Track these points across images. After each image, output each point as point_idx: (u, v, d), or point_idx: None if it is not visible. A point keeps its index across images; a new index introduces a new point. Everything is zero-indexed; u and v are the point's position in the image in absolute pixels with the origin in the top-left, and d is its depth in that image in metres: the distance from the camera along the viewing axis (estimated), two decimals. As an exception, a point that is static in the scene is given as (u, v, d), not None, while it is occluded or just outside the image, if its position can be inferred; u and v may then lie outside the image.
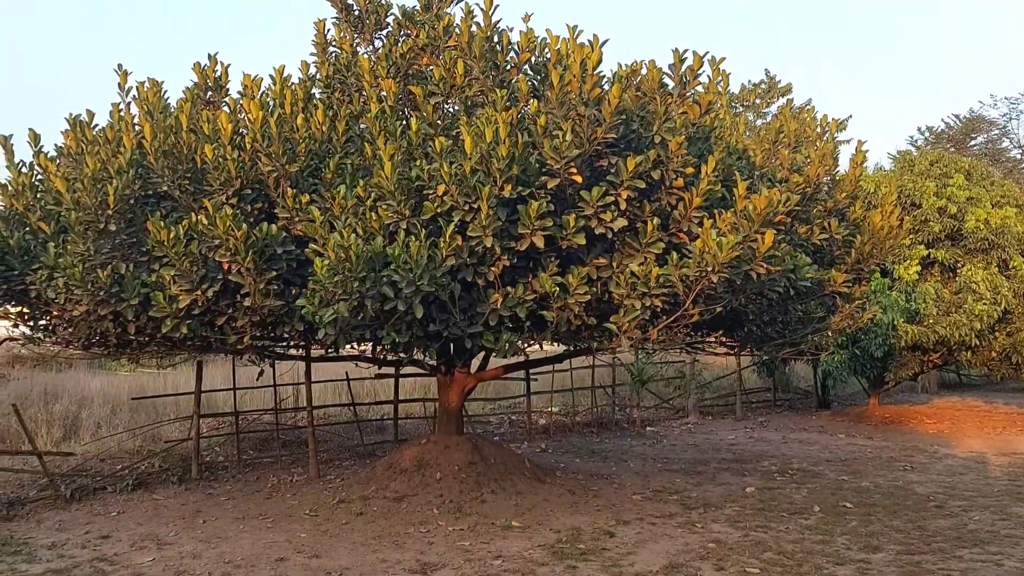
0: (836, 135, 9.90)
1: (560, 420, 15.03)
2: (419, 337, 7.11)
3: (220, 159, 6.86)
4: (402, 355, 8.32)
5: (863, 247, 9.15)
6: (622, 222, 6.62)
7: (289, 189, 6.94)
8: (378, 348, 8.11)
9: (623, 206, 6.64)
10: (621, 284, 6.69)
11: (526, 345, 8.15)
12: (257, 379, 10.71)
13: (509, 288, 6.83)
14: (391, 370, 11.78)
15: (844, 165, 11.12)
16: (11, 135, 8.04)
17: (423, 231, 6.36)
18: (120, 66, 8.46)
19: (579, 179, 6.49)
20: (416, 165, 6.73)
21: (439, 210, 6.50)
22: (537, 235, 6.42)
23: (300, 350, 10.51)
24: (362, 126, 8.03)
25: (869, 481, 10.59)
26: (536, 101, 7.22)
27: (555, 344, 8.76)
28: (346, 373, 12.78)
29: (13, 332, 9.15)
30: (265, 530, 8.27)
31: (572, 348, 8.81)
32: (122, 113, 8.33)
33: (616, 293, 6.79)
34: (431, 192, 6.57)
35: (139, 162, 7.29)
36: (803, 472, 11.23)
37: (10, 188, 7.81)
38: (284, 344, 10.10)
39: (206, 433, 11.35)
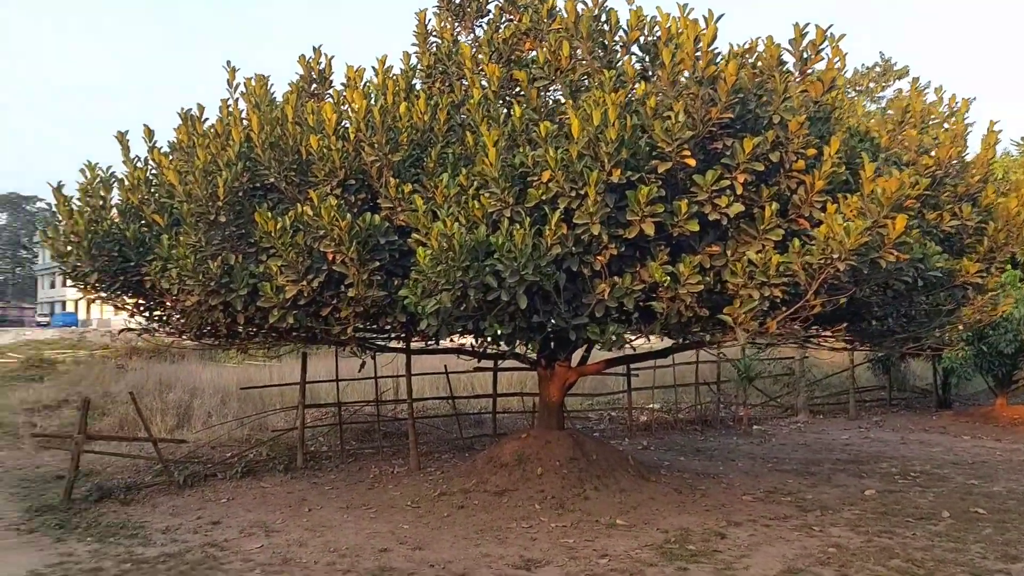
0: (965, 115, 9.17)
1: (662, 417, 14.63)
2: (522, 328, 6.93)
3: (325, 149, 6.86)
4: (504, 347, 8.16)
5: (996, 235, 8.43)
6: (738, 207, 6.25)
7: (392, 179, 6.87)
8: (479, 340, 7.98)
9: (739, 190, 6.27)
10: (737, 273, 6.32)
11: (633, 338, 7.85)
12: (359, 371, 10.81)
13: (616, 278, 6.57)
14: (489, 363, 11.68)
15: (971, 148, 10.34)
16: (127, 131, 8.30)
17: (527, 219, 6.17)
18: (228, 63, 8.61)
19: (692, 162, 6.16)
20: (520, 152, 6.55)
21: (544, 197, 6.30)
22: (647, 222, 6.12)
23: (400, 342, 10.54)
24: (463, 116, 7.92)
25: (1001, 486, 9.81)
26: (644, 83, 6.91)
27: (660, 338, 8.43)
28: (444, 366, 12.77)
29: (131, 323, 9.47)
30: (368, 520, 8.29)
31: (681, 342, 8.45)
32: (230, 108, 8.48)
33: (731, 283, 6.43)
34: (535, 179, 6.37)
35: (247, 155, 7.38)
36: (926, 475, 10.50)
37: (127, 182, 8.07)
38: (385, 336, 10.14)
39: (310, 423, 11.51)
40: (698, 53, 6.26)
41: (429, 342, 9.45)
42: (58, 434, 11.32)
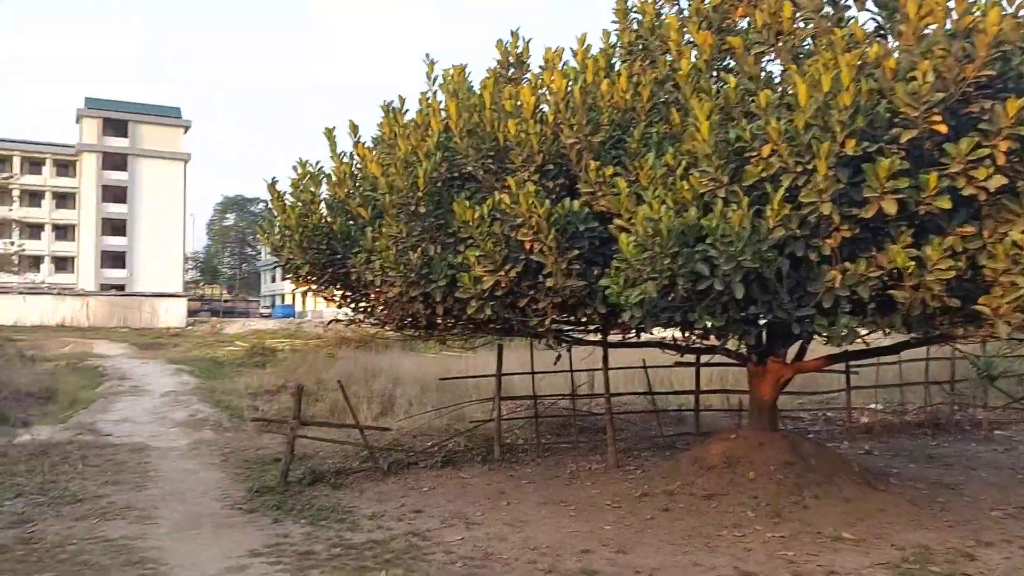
0: None
1: (886, 419, 13.27)
2: (736, 321, 6.33)
3: (522, 134, 6.62)
4: (714, 341, 7.57)
5: None
6: (999, 180, 5.30)
7: (592, 162, 6.51)
8: (686, 334, 7.46)
9: (1000, 160, 5.31)
10: (997, 257, 5.38)
11: (864, 332, 7.00)
12: (555, 363, 10.60)
13: (848, 263, 5.81)
14: (691, 358, 11.06)
15: None
16: (334, 127, 8.52)
17: (744, 199, 5.57)
18: (427, 55, 8.64)
19: (943, 129, 5.29)
20: (735, 125, 5.95)
21: (764, 174, 5.67)
22: (887, 199, 5.33)
23: (597, 335, 10.19)
24: (666, 94, 7.40)
25: None
26: (878, 44, 6.06)
27: (897, 331, 7.45)
28: (643, 360, 12.28)
29: (339, 314, 9.80)
30: (568, 518, 8.02)
31: (923, 336, 7.43)
32: (429, 100, 8.49)
33: (989, 268, 5.49)
34: (754, 154, 5.76)
35: (445, 144, 7.32)
36: None
37: (334, 177, 8.28)
38: (582, 328, 9.83)
39: (506, 415, 11.45)
40: (950, 2, 5.36)
41: (628, 335, 9.01)
42: (275, 419, 12.00)
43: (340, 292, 9.11)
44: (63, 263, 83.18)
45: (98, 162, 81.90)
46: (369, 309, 8.94)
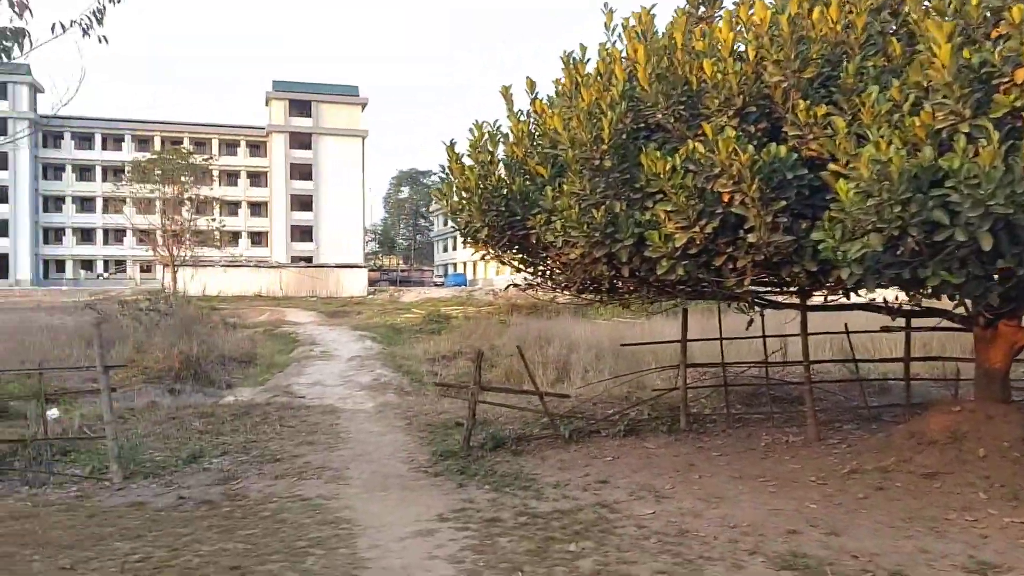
0: None
1: None
2: (976, 277, 5.45)
3: (719, 75, 6.01)
4: (943, 303, 6.65)
5: None
6: None
7: (800, 101, 5.79)
8: (909, 293, 6.58)
9: None
10: None
11: None
12: (747, 328, 9.88)
13: None
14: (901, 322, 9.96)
15: None
16: (510, 85, 8.24)
17: (995, 133, 4.70)
18: (606, 5, 8.12)
19: None
20: (980, 49, 5.05)
21: (1018, 103, 4.77)
22: None
23: (793, 297, 9.39)
24: (880, 26, 6.49)
25: None
26: None
27: None
28: (844, 325, 11.26)
29: (516, 279, 9.60)
30: (767, 495, 7.42)
31: None
32: (609, 50, 8.00)
33: None
34: (1005, 81, 4.86)
35: (630, 94, 6.82)
36: None
37: (511, 136, 8.01)
38: (776, 290, 9.08)
39: (691, 384, 10.88)
40: None
41: (833, 296, 8.18)
42: (456, 384, 12.07)
43: (518, 256, 8.88)
44: (258, 237, 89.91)
45: (286, 142, 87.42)
46: (548, 273, 8.65)
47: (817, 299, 9.17)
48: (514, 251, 8.60)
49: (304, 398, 14.59)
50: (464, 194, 7.77)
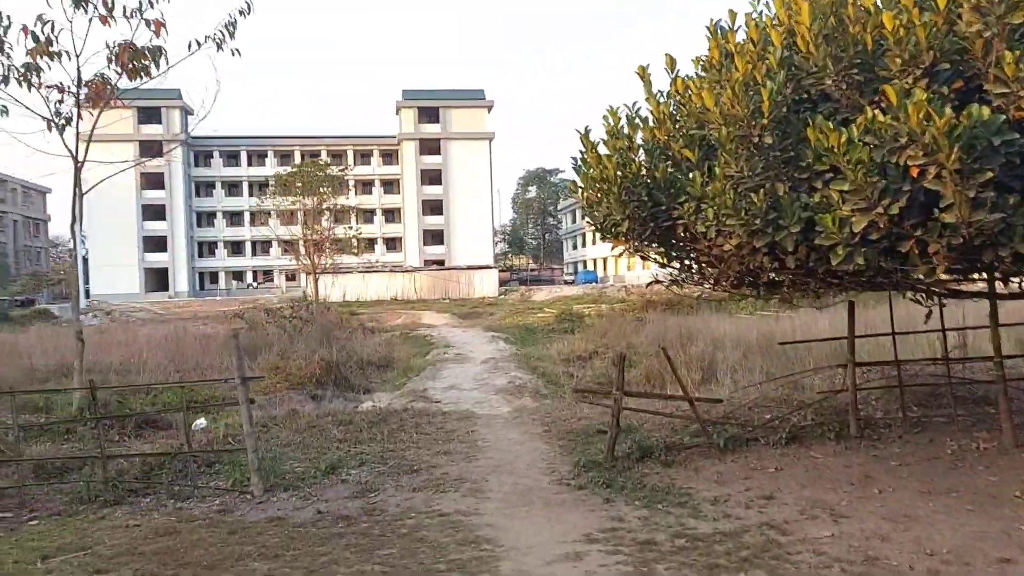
0: None
1: None
2: None
3: (902, 28, 5.11)
4: None
5: None
6: None
7: (1007, 53, 4.82)
8: None
9: None
10: None
11: None
12: (925, 321, 8.75)
13: None
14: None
15: None
16: (648, 64, 7.55)
17: None
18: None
19: None
20: None
21: None
22: None
23: (978, 285, 8.21)
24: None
25: None
26: None
27: None
28: (1037, 315, 9.87)
29: (658, 275, 8.89)
30: (964, 513, 6.41)
31: None
32: (756, 18, 7.17)
33: None
34: None
35: (788, 61, 6.01)
36: None
37: (651, 119, 7.33)
38: (961, 277, 7.93)
39: (859, 385, 9.79)
40: None
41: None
42: (597, 390, 11.46)
43: (661, 251, 8.17)
44: (392, 243, 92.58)
45: (416, 149, 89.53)
46: (697, 267, 7.90)
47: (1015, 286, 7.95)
48: (657, 245, 7.90)
49: (440, 403, 14.40)
50: (601, 185, 7.15)
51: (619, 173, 6.91)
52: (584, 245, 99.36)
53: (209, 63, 10.48)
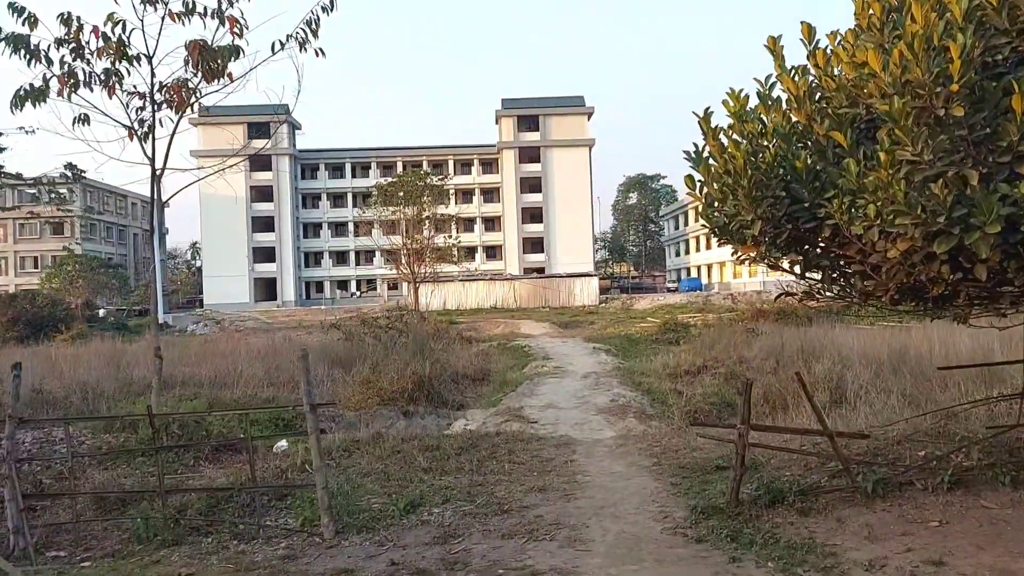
0: None
1: None
2: None
3: None
4: None
5: None
6: None
7: None
8: None
9: None
10: None
11: None
12: None
13: None
14: None
15: None
16: (780, 35, 6.25)
17: None
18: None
19: None
20: None
21: None
22: None
23: None
24: None
25: None
26: None
27: None
28: None
29: (788, 284, 7.52)
30: None
31: None
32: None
33: None
34: None
35: (976, 14, 4.63)
36: None
37: (785, 100, 6.03)
38: None
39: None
40: None
41: None
42: (715, 423, 10.10)
43: (798, 258, 6.80)
44: (492, 251, 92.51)
45: (515, 157, 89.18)
46: (845, 278, 6.50)
47: None
48: (795, 251, 6.54)
49: (536, 423, 13.33)
50: (726, 179, 5.90)
51: (749, 164, 5.65)
52: (687, 252, 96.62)
53: (294, 68, 9.67)
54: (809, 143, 5.75)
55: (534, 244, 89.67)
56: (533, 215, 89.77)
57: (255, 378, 19.70)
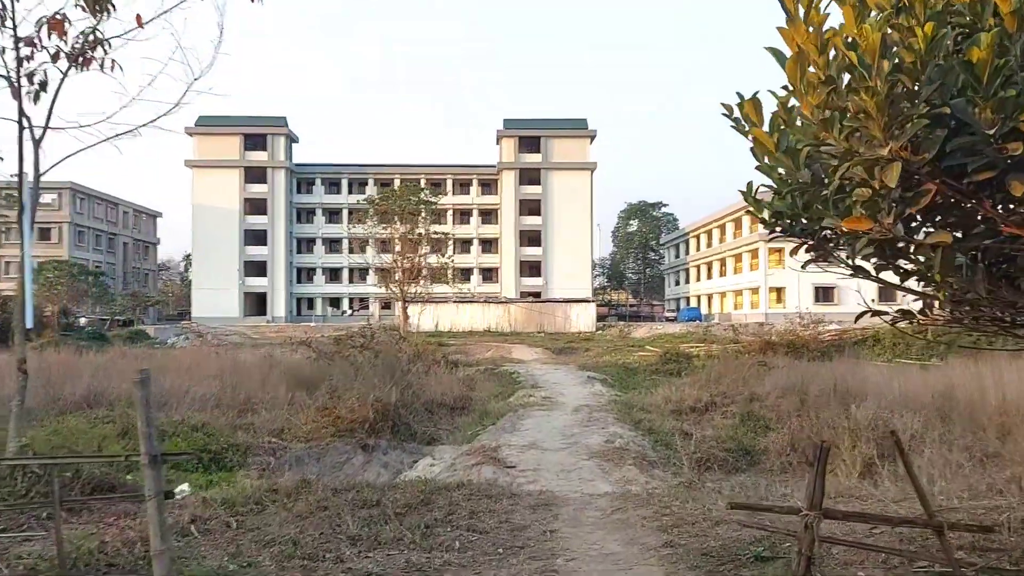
0: None
1: None
2: None
3: None
4: None
5: None
6: None
7: None
8: None
9: None
10: None
11: None
12: None
13: None
14: None
15: None
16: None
17: None
18: None
19: None
20: None
21: None
22: None
23: None
24: None
25: None
26: None
27: None
28: None
29: (875, 304, 5.18)
30: None
31: None
32: None
33: None
34: None
35: None
36: None
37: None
38: None
39: None
40: None
41: None
42: (760, 504, 7.65)
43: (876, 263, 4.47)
44: (488, 273, 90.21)
45: (515, 178, 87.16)
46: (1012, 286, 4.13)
47: None
48: (940, 223, 4.13)
49: (513, 469, 10.92)
50: (832, 92, 3.54)
51: (887, 53, 3.25)
52: (687, 281, 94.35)
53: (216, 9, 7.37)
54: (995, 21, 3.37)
55: (531, 268, 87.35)
56: (531, 238, 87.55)
57: (204, 398, 17.28)
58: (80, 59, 8.21)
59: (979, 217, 3.46)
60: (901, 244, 4.05)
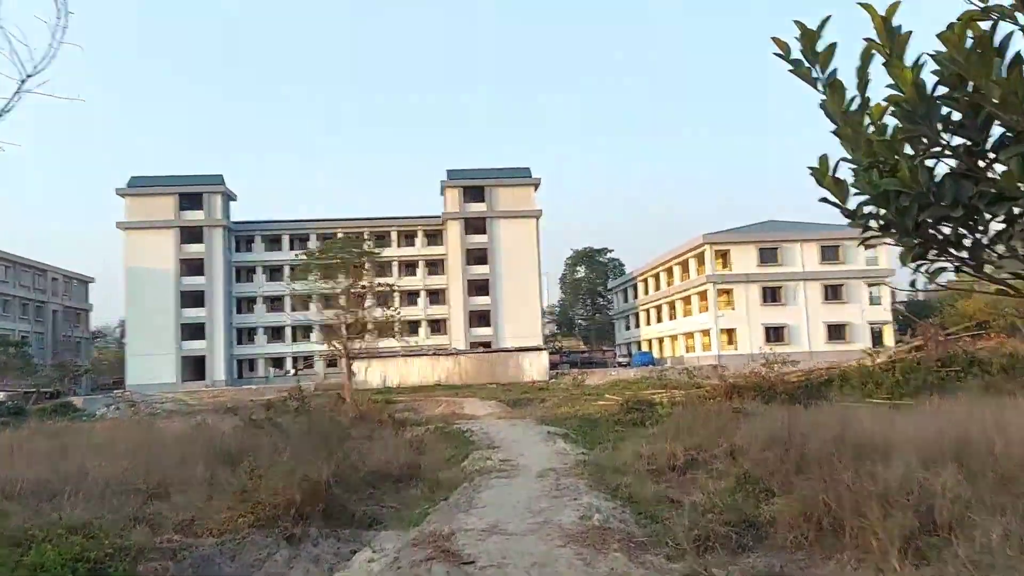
0: None
1: None
2: None
3: None
4: None
5: None
6: None
7: None
8: None
9: None
10: None
11: None
12: None
13: None
14: None
15: None
16: None
17: None
18: None
19: None
20: None
21: None
22: None
23: None
24: None
25: None
26: None
27: None
28: None
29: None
30: None
31: None
32: None
33: None
34: None
35: None
36: None
37: None
38: None
39: None
40: None
41: None
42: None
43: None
44: (437, 325, 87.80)
45: (461, 228, 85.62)
46: None
47: None
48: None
49: (472, 566, 8.72)
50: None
51: None
52: (637, 325, 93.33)
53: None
54: None
55: (481, 317, 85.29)
56: (479, 287, 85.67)
57: (107, 482, 14.60)
58: None
59: None
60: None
